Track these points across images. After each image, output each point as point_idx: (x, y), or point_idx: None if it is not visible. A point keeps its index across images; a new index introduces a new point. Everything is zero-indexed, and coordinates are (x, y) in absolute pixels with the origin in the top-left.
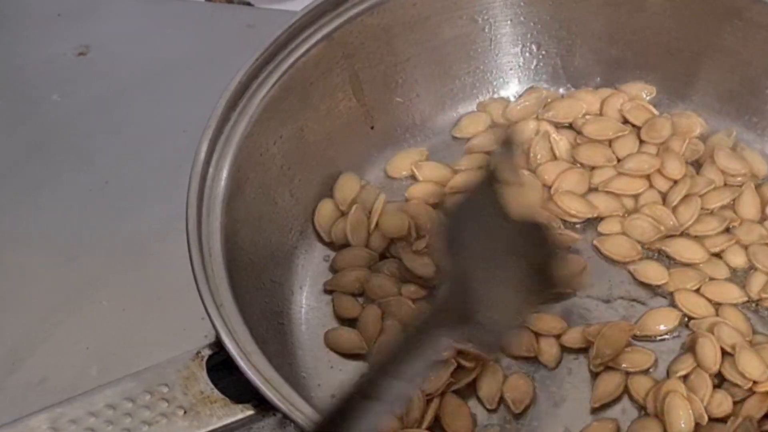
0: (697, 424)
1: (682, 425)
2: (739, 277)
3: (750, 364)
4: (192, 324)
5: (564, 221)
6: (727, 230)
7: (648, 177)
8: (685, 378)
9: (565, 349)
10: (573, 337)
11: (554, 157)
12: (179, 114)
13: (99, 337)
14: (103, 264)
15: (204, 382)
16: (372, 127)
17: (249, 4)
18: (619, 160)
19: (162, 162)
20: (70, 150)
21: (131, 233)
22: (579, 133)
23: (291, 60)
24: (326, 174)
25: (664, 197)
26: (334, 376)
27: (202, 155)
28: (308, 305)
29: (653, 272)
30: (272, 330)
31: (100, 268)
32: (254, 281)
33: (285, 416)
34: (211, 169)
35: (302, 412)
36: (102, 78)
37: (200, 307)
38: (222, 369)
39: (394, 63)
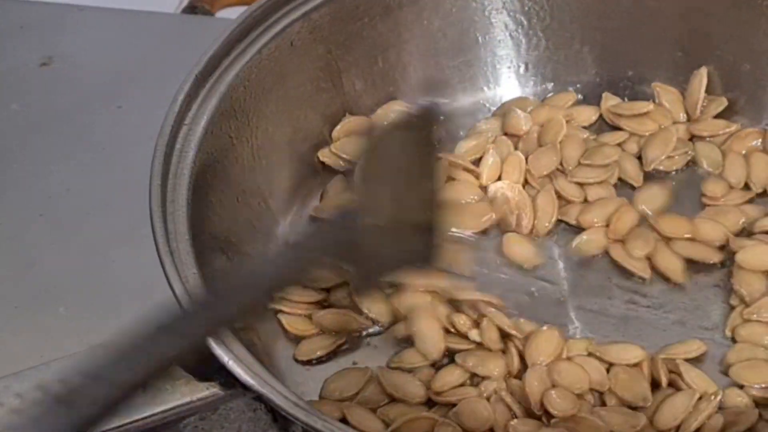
0: None
1: None
2: None
3: None
4: None
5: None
6: None
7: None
8: None
9: None
10: None
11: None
12: (142, 124)
13: (55, 345)
14: (62, 271)
15: None
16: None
17: (211, 13)
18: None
19: (124, 170)
20: (29, 158)
21: (91, 240)
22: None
23: (261, 43)
24: (298, 158)
25: None
26: None
27: (169, 128)
28: None
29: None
30: None
31: (58, 275)
32: (224, 258)
33: (256, 395)
34: (178, 145)
35: (275, 389)
36: (64, 88)
37: None
38: None
39: (374, 49)
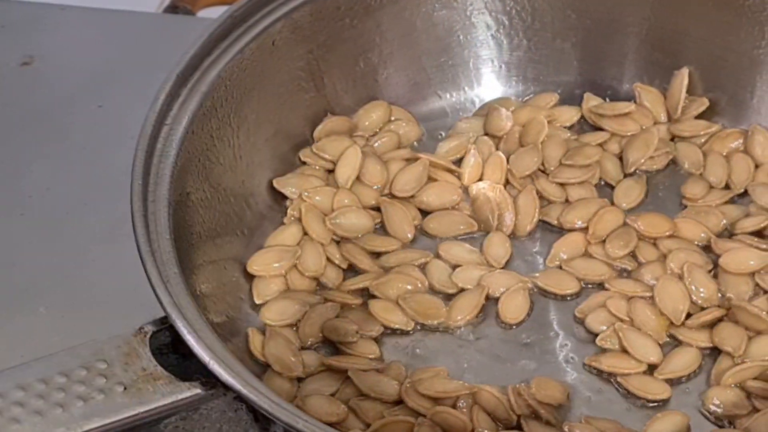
0: None
1: None
2: None
3: None
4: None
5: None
6: None
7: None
8: None
9: None
10: None
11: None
12: (124, 123)
13: (35, 344)
14: (42, 270)
15: (147, 359)
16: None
17: (192, 13)
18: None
19: (105, 170)
20: (10, 157)
21: (72, 239)
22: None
23: (242, 43)
24: (279, 157)
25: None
26: None
27: (150, 128)
28: None
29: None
30: (225, 308)
31: (38, 274)
32: (206, 259)
33: (236, 395)
34: (159, 145)
35: (256, 389)
36: (46, 87)
37: (146, 315)
38: (167, 351)
39: (355, 49)
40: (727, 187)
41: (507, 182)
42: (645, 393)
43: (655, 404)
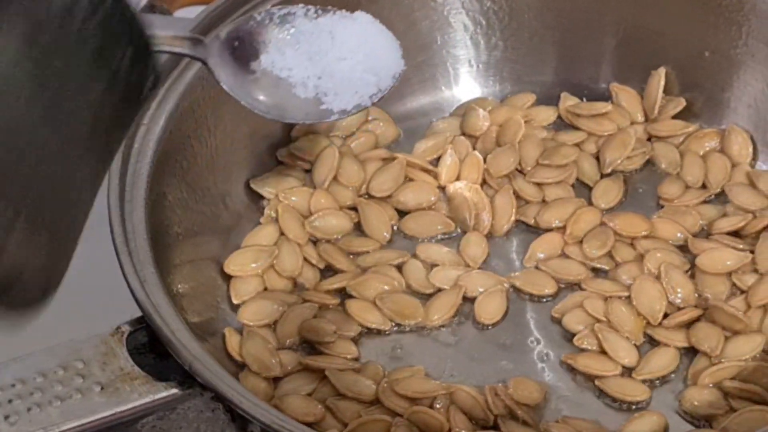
0: None
1: None
2: None
3: None
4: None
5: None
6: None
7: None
8: None
9: None
10: None
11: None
12: None
13: (12, 344)
14: None
15: (124, 359)
16: None
17: (169, 13)
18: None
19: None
20: None
21: None
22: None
23: None
24: (257, 157)
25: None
26: None
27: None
28: None
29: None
30: (203, 308)
31: None
32: (183, 258)
33: (214, 394)
34: (136, 145)
35: (233, 389)
36: None
37: (123, 315)
38: (144, 351)
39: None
40: (704, 187)
41: (484, 182)
42: (623, 395)
43: (634, 405)
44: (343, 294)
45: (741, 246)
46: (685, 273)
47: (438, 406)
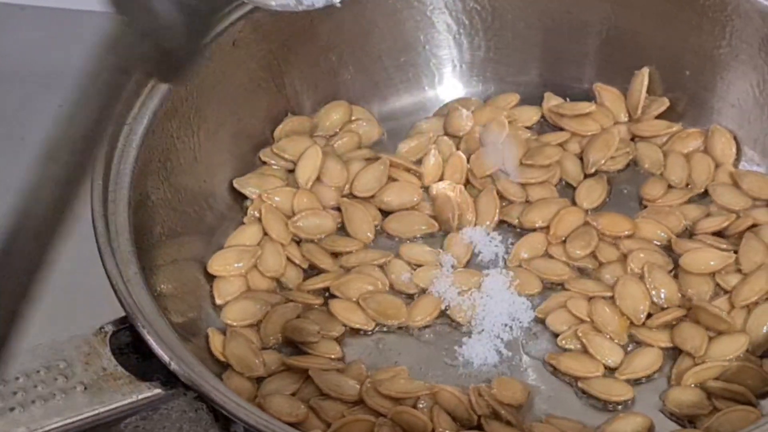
0: None
1: None
2: None
3: None
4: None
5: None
6: None
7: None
8: None
9: None
10: None
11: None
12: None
13: None
14: None
15: (107, 359)
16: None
17: None
18: None
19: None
20: None
21: None
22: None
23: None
24: (240, 157)
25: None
26: None
27: (110, 128)
28: None
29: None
30: (186, 308)
31: None
32: (166, 259)
33: (197, 394)
34: (119, 145)
35: (217, 389)
36: (5, 87)
37: (106, 315)
38: (127, 351)
39: (316, 49)
40: (687, 187)
41: (467, 182)
42: (608, 396)
43: (619, 405)
44: (327, 294)
45: (724, 246)
46: (668, 273)
47: (421, 406)
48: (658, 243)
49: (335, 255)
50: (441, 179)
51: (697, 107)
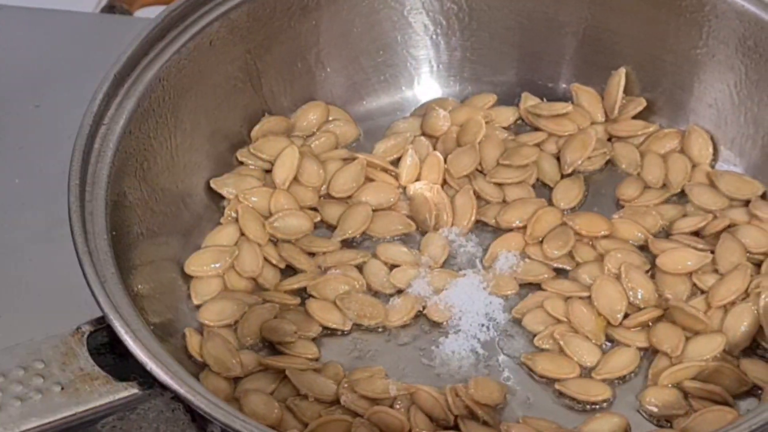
0: None
1: None
2: None
3: None
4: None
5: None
6: None
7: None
8: None
9: None
10: None
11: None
12: (61, 123)
13: None
14: None
15: (84, 359)
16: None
17: (129, 13)
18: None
19: (43, 169)
20: None
21: (9, 239)
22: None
23: (180, 43)
24: (217, 157)
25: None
26: None
27: (87, 128)
28: None
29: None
30: (163, 308)
31: None
32: (143, 259)
33: (174, 395)
34: (96, 145)
35: (193, 389)
36: None
37: (84, 315)
38: (105, 351)
39: (293, 49)
40: (664, 187)
41: (444, 182)
42: (586, 396)
43: (596, 405)
44: (304, 294)
45: (701, 246)
46: (645, 273)
47: (398, 406)
48: (635, 243)
49: (312, 255)
50: (418, 179)
51: (673, 107)
